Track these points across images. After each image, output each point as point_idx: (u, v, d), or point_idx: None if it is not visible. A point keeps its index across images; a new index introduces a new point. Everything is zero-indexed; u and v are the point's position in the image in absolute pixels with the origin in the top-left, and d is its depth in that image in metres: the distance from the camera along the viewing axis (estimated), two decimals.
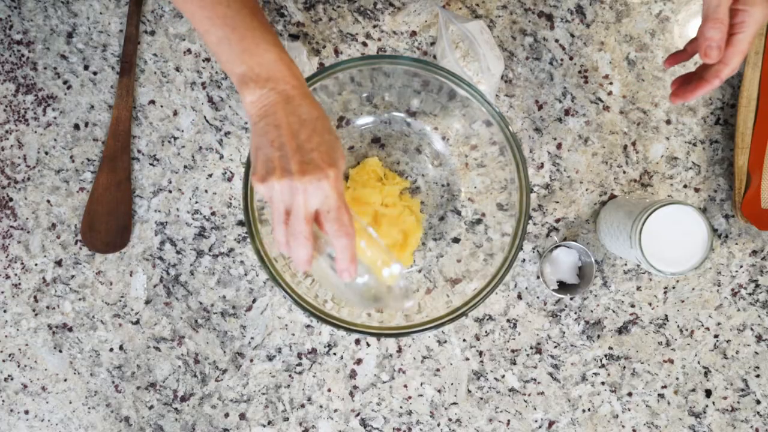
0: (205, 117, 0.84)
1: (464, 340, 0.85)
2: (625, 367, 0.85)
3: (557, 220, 0.85)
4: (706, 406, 0.86)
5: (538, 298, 0.85)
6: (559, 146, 0.85)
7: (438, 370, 0.85)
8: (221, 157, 0.84)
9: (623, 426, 0.85)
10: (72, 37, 0.84)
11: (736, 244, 0.85)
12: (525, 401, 0.85)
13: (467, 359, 0.85)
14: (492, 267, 0.74)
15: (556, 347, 0.85)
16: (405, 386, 0.85)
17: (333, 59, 0.84)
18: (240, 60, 0.58)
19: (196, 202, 0.84)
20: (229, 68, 0.59)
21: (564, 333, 0.85)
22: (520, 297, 0.85)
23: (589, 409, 0.85)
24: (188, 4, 0.58)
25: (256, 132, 0.58)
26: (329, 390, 0.85)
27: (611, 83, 0.85)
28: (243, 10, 0.59)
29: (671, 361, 0.85)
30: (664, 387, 0.85)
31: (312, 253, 0.58)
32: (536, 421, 0.85)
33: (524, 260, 0.85)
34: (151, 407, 0.84)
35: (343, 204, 0.58)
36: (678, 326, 0.85)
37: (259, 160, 0.58)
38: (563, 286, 0.84)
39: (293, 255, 0.58)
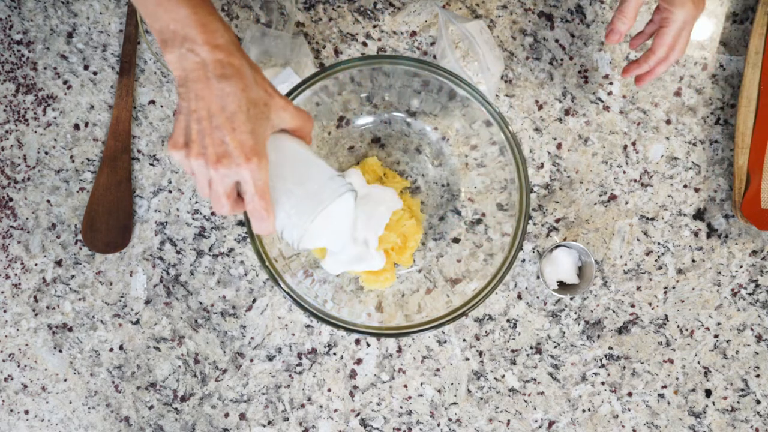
0: None
1: (464, 340, 0.85)
2: (625, 367, 0.85)
3: (557, 220, 0.85)
4: (706, 406, 0.86)
5: (538, 298, 0.85)
6: (559, 146, 0.85)
7: (438, 370, 0.85)
8: None
9: (623, 426, 0.85)
10: (72, 37, 0.84)
11: (736, 244, 0.85)
12: (525, 401, 0.85)
13: (467, 359, 0.85)
14: (492, 267, 0.74)
15: (556, 347, 0.85)
16: (405, 386, 0.85)
17: (333, 59, 0.84)
18: (153, 15, 0.55)
19: (196, 202, 0.84)
20: (150, 24, 0.56)
21: (564, 333, 0.85)
22: (520, 297, 0.85)
23: (589, 409, 0.85)
24: None
25: (179, 94, 0.56)
26: (329, 390, 0.85)
27: (611, 83, 0.85)
28: None
29: (671, 361, 0.85)
30: (664, 387, 0.85)
31: (232, 209, 0.59)
32: (536, 421, 0.85)
33: (524, 260, 0.85)
34: (151, 407, 0.84)
35: (260, 191, 0.57)
36: (678, 326, 0.85)
37: (179, 125, 0.56)
38: (563, 286, 0.84)
39: (214, 208, 0.59)
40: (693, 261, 0.85)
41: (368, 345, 0.85)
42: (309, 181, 0.60)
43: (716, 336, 0.86)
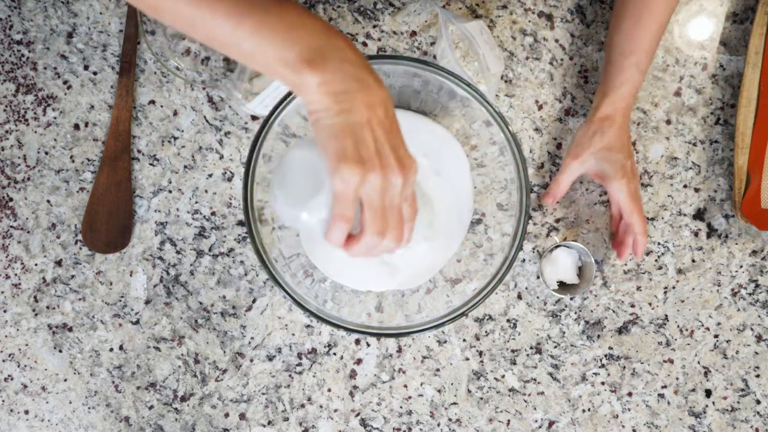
0: (205, 117, 0.84)
1: (464, 340, 0.85)
2: (625, 367, 0.85)
3: (557, 220, 0.85)
4: (706, 406, 0.86)
5: (538, 298, 0.85)
6: (559, 146, 0.85)
7: (438, 370, 0.85)
8: (221, 157, 0.84)
9: (623, 426, 0.85)
10: (72, 37, 0.84)
11: (736, 244, 0.85)
12: (525, 401, 0.85)
13: (467, 359, 0.85)
14: (492, 267, 0.74)
15: (556, 347, 0.85)
16: (405, 386, 0.85)
17: None
18: (290, 40, 0.49)
19: (196, 202, 0.84)
20: (279, 57, 0.49)
21: (564, 333, 0.85)
22: (520, 297, 0.85)
23: (589, 409, 0.85)
24: (203, 7, 0.49)
25: (340, 111, 0.50)
26: (329, 390, 0.85)
27: None
28: None
29: (671, 361, 0.85)
30: (664, 387, 0.85)
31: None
32: (536, 421, 0.85)
33: (524, 260, 0.85)
34: (151, 407, 0.84)
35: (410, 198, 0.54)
36: (678, 326, 0.85)
37: (347, 143, 0.50)
38: (563, 286, 0.84)
39: (387, 242, 0.53)
40: (693, 261, 0.85)
41: (368, 345, 0.85)
42: None
43: (716, 336, 0.86)
